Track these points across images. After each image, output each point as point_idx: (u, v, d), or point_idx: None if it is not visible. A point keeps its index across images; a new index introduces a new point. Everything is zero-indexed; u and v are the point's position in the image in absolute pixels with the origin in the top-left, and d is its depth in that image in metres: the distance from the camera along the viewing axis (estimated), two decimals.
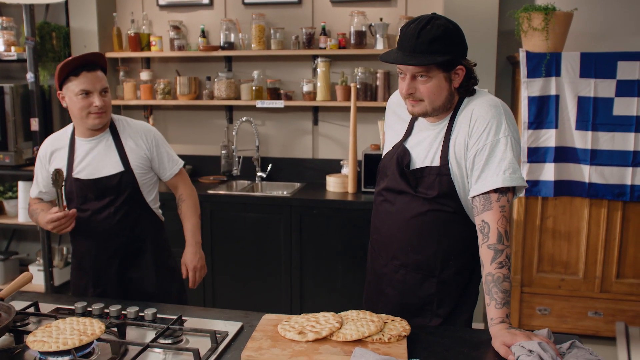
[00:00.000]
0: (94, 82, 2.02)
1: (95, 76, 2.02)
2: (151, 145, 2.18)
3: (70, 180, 2.10)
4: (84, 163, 2.10)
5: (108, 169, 2.10)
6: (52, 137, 2.21)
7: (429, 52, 1.56)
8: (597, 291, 3.33)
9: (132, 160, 2.12)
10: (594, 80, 3.12)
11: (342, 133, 3.91)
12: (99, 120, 2.05)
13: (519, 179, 1.56)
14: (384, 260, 1.82)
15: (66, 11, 4.04)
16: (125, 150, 2.12)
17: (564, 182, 3.26)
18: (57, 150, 2.14)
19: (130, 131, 2.17)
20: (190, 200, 2.31)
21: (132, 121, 2.23)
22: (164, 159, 2.22)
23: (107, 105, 2.06)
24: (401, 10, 3.69)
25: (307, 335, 1.45)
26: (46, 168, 2.16)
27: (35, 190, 2.24)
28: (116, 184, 2.09)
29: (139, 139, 2.16)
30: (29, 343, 1.37)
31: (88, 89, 2.01)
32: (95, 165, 2.10)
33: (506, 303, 1.49)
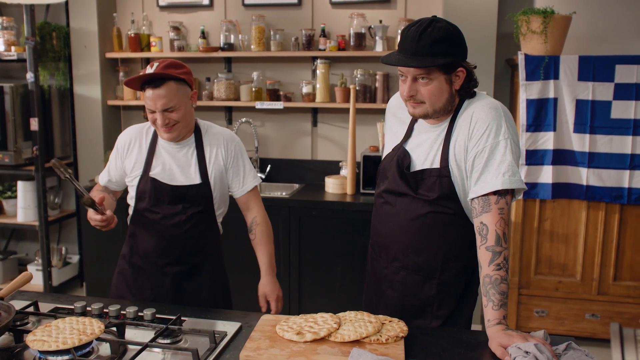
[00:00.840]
0: (155, 101, 1.90)
1: (157, 95, 1.89)
2: (230, 155, 2.07)
3: (146, 178, 2.02)
4: (161, 166, 2.02)
5: (187, 177, 2.02)
6: (136, 127, 2.12)
7: (430, 54, 1.57)
8: (595, 293, 3.34)
9: (211, 172, 2.04)
10: (592, 84, 3.13)
11: (341, 134, 3.92)
12: (167, 136, 1.97)
13: (518, 181, 1.57)
14: (384, 262, 1.83)
15: (66, 11, 4.05)
16: (206, 161, 2.04)
17: (562, 184, 3.27)
18: (137, 143, 2.06)
19: (212, 139, 2.07)
20: (265, 225, 2.17)
21: (217, 128, 2.12)
22: (240, 173, 2.10)
23: (175, 121, 1.94)
24: (400, 12, 3.71)
25: (305, 335, 1.46)
26: (122, 158, 2.07)
27: (105, 177, 2.15)
28: (193, 195, 2.01)
29: (220, 148, 2.06)
30: (28, 342, 1.37)
31: (150, 108, 1.92)
32: (174, 171, 2.02)
33: (503, 305, 1.50)
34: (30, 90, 3.74)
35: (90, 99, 4.03)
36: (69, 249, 4.37)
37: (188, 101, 1.99)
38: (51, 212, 4.06)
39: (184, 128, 1.99)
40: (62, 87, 4.11)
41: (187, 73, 1.98)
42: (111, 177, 2.14)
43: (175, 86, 1.92)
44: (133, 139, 2.08)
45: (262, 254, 2.16)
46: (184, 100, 1.96)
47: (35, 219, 3.94)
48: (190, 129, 2.04)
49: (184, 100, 1.96)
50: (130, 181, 2.07)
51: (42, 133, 3.81)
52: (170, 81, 1.91)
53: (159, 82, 1.90)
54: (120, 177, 2.12)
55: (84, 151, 4.11)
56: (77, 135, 4.12)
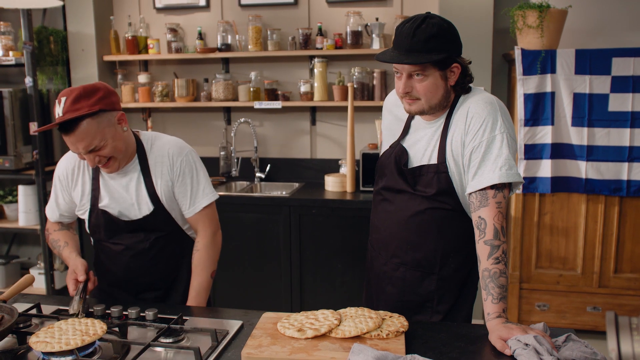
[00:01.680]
0: (76, 144, 1.67)
1: (74, 139, 1.66)
2: (175, 173, 1.85)
3: (95, 211, 1.85)
4: (109, 195, 1.84)
5: (138, 206, 1.84)
6: (70, 155, 1.90)
7: (424, 51, 1.58)
8: (595, 286, 3.35)
9: (162, 194, 1.84)
10: (589, 77, 3.14)
11: (339, 133, 3.93)
12: (107, 170, 1.78)
13: (515, 175, 1.58)
14: (383, 259, 1.84)
15: (64, 15, 4.05)
16: (154, 186, 1.83)
17: (561, 178, 3.28)
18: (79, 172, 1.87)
19: (157, 156, 1.85)
20: (204, 252, 1.91)
21: (163, 141, 1.88)
22: (187, 192, 1.87)
23: (105, 157, 1.73)
24: (397, 9, 3.71)
25: (306, 332, 1.47)
26: (68, 190, 1.90)
27: (55, 213, 1.98)
28: (150, 224, 1.85)
29: (164, 166, 1.84)
30: (32, 344, 1.38)
31: (74, 151, 1.72)
32: (124, 200, 1.84)
33: (503, 298, 1.51)
34: (29, 94, 3.74)
35: None
36: None
37: (116, 129, 1.73)
38: None
39: (123, 159, 1.79)
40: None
41: (102, 99, 1.69)
42: (61, 211, 1.96)
43: (93, 122, 1.66)
44: (74, 167, 1.88)
45: (194, 283, 1.91)
46: (109, 131, 1.70)
47: (37, 223, 3.95)
48: (131, 153, 1.83)
49: (109, 131, 1.70)
50: (82, 214, 1.91)
51: (42, 137, 3.82)
52: (83, 120, 1.64)
53: (70, 125, 1.64)
54: (70, 209, 1.96)
55: None
56: None
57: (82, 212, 1.91)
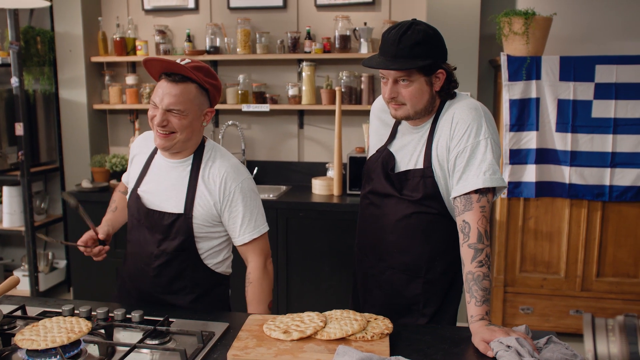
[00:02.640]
0: (163, 95, 1.64)
1: (169, 89, 1.64)
2: (226, 197, 1.75)
3: (134, 193, 1.82)
4: (151, 182, 1.80)
5: (170, 203, 1.76)
6: (145, 135, 1.91)
7: (410, 57, 1.61)
8: (578, 290, 3.40)
9: (198, 205, 1.74)
10: (573, 84, 3.19)
11: (327, 136, 3.95)
12: (160, 142, 1.70)
13: (499, 179, 1.61)
14: (370, 262, 1.85)
15: (51, 15, 4.04)
16: (196, 192, 1.74)
17: (545, 183, 3.32)
18: (140, 154, 1.88)
19: (213, 171, 1.76)
20: (257, 285, 1.84)
21: (224, 157, 1.80)
22: (237, 220, 1.77)
23: (172, 127, 1.67)
24: (385, 14, 3.74)
25: (292, 334, 1.48)
26: (130, 164, 1.93)
27: (126, 176, 1.99)
28: (168, 225, 1.75)
29: (214, 183, 1.75)
30: (17, 341, 1.37)
31: (155, 101, 1.66)
32: (159, 191, 1.78)
33: (486, 301, 1.53)
34: (15, 95, 3.71)
35: (75, 103, 4.02)
36: (55, 254, 4.35)
37: (199, 116, 1.72)
38: (37, 217, 4.04)
39: (182, 143, 1.72)
40: (47, 91, 4.10)
41: (214, 86, 1.73)
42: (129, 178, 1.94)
43: (194, 91, 1.67)
44: (139, 147, 1.90)
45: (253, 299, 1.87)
46: (195, 111, 1.69)
47: (22, 225, 3.92)
48: (191, 147, 1.77)
49: (195, 111, 1.69)
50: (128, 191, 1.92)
51: (28, 138, 3.78)
52: (192, 83, 1.66)
53: (179, 77, 1.65)
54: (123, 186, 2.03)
55: (70, 156, 4.09)
56: (62, 140, 4.11)
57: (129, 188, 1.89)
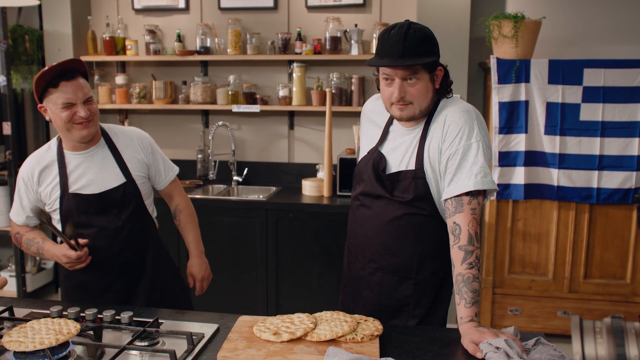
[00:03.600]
0: (76, 92, 1.85)
1: (75, 85, 1.86)
2: (147, 151, 2.07)
3: (67, 197, 1.94)
4: (79, 178, 1.94)
5: (109, 181, 1.96)
6: (35, 155, 2.01)
7: (417, 54, 1.62)
8: (566, 291, 3.42)
9: (133, 169, 2.01)
10: (562, 87, 3.22)
11: (317, 137, 3.95)
12: (86, 132, 1.89)
13: (490, 182, 1.62)
14: (360, 264, 1.86)
15: (40, 14, 4.00)
16: (125, 160, 2.00)
17: (534, 185, 3.35)
18: (46, 168, 1.96)
19: (124, 140, 2.04)
20: (188, 210, 2.24)
21: (124, 128, 2.11)
22: (160, 166, 2.12)
23: (93, 114, 1.89)
24: (375, 16, 3.75)
25: (282, 335, 1.48)
26: (34, 190, 1.97)
27: (21, 216, 2.03)
28: (120, 196, 1.96)
29: (136, 147, 2.05)
30: (4, 343, 1.36)
31: (70, 101, 1.84)
32: (94, 179, 1.95)
33: (475, 302, 1.54)
34: (3, 93, 3.69)
35: None
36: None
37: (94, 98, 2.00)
38: None
39: (96, 126, 1.95)
40: None
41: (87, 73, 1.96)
42: (28, 213, 2.02)
43: (85, 80, 1.92)
44: (38, 165, 1.97)
45: (189, 238, 2.24)
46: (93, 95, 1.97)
47: (8, 225, 3.88)
48: (97, 135, 1.99)
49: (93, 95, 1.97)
50: (51, 206, 1.98)
51: (16, 137, 3.75)
52: (80, 75, 1.90)
53: (71, 74, 1.86)
54: (36, 209, 2.01)
55: None
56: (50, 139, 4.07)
57: (52, 203, 1.97)
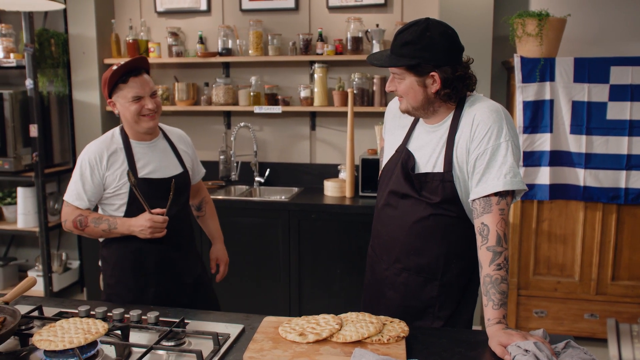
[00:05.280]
0: (144, 86, 2.04)
1: (143, 80, 2.04)
2: (191, 149, 2.32)
3: (137, 180, 2.06)
4: (147, 165, 2.10)
5: (171, 170, 2.16)
6: (101, 141, 2.10)
7: (399, 55, 1.66)
8: (593, 293, 3.36)
9: (186, 162, 2.24)
10: (588, 85, 3.16)
11: (339, 138, 3.94)
12: (153, 123, 2.08)
13: (519, 182, 1.60)
14: (385, 264, 1.84)
15: (65, 18, 4.07)
16: (180, 153, 2.22)
17: (559, 185, 3.30)
18: (114, 154, 2.07)
19: (176, 136, 2.27)
20: (211, 203, 2.52)
21: (171, 127, 2.32)
22: (197, 163, 2.37)
23: (158, 106, 2.09)
24: (397, 16, 3.73)
25: (307, 336, 1.48)
26: (100, 174, 2.04)
27: (82, 200, 2.05)
28: (181, 183, 2.17)
29: (185, 143, 2.29)
30: (35, 342, 1.38)
31: (139, 94, 2.03)
32: (158, 167, 2.13)
33: (503, 304, 1.52)
34: (30, 96, 3.75)
35: (89, 104, 4.04)
36: (69, 255, 4.37)
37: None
38: (51, 217, 4.06)
39: (159, 116, 2.13)
40: (61, 93, 4.13)
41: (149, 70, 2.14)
42: (89, 197, 2.05)
43: (149, 76, 2.10)
44: (107, 150, 2.07)
45: (213, 226, 2.51)
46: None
47: (36, 225, 3.95)
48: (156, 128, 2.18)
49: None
50: (116, 191, 2.05)
51: (42, 139, 3.82)
52: (144, 72, 2.08)
53: (138, 71, 2.04)
54: (98, 194, 2.07)
55: None
56: (76, 141, 4.13)
57: (118, 187, 2.06)
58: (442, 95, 1.68)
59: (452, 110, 1.72)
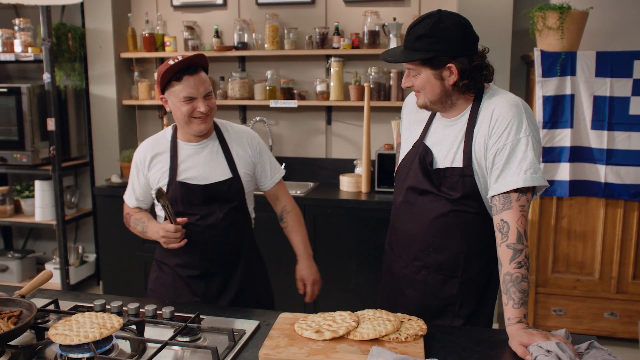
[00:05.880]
0: (198, 87, 1.89)
1: (198, 80, 1.89)
2: (255, 151, 2.09)
3: (174, 184, 1.97)
4: (190, 168, 1.98)
5: (216, 175, 1.99)
6: (150, 140, 2.06)
7: (413, 49, 1.62)
8: (613, 292, 3.30)
9: (240, 167, 2.03)
10: (610, 80, 3.10)
11: (355, 133, 3.91)
12: (204, 126, 1.94)
13: (540, 178, 1.56)
14: (404, 262, 1.81)
15: (82, 12, 4.08)
16: (233, 157, 2.03)
17: (580, 182, 3.24)
18: (158, 155, 2.01)
19: (235, 136, 2.07)
20: (296, 212, 2.22)
21: (236, 126, 2.12)
22: (267, 166, 2.13)
23: (211, 109, 1.94)
24: (414, 9, 3.69)
25: (324, 334, 1.46)
26: (144, 174, 2.03)
27: (132, 199, 2.10)
28: (225, 191, 1.99)
29: (245, 145, 2.07)
30: (50, 336, 1.38)
31: (192, 95, 1.88)
32: (202, 171, 1.98)
33: (524, 303, 1.49)
34: (47, 90, 3.77)
35: (105, 98, 4.06)
36: (85, 248, 4.40)
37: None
38: (68, 211, 4.09)
39: (212, 119, 2.00)
40: (78, 87, 4.15)
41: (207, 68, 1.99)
42: (137, 196, 2.09)
43: (206, 75, 1.94)
44: (151, 150, 2.03)
45: (297, 240, 2.20)
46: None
47: (53, 218, 3.98)
48: (212, 124, 2.05)
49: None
50: None
51: (59, 133, 3.84)
52: (202, 69, 1.93)
53: (194, 69, 1.89)
54: (147, 194, 2.08)
55: (100, 151, 4.14)
56: (92, 135, 4.15)
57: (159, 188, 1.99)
58: (460, 87, 1.64)
59: (470, 102, 1.69)
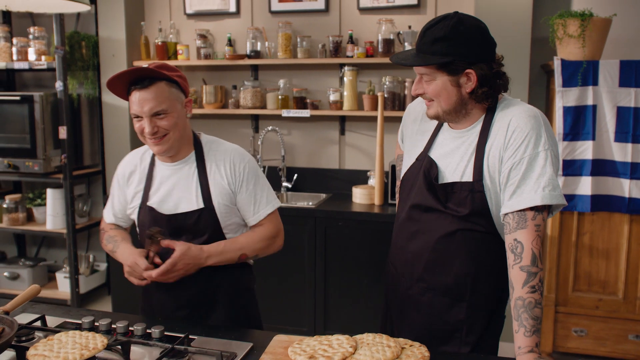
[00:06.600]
0: (142, 104, 1.66)
1: (144, 96, 1.65)
2: (238, 178, 1.79)
3: (144, 208, 1.82)
4: (160, 192, 1.80)
5: (185, 204, 1.77)
6: (134, 154, 1.93)
7: (429, 53, 1.50)
8: (639, 313, 3.14)
9: (215, 196, 1.76)
10: (635, 90, 2.95)
11: (369, 143, 3.82)
12: (157, 148, 1.72)
13: (559, 196, 1.44)
14: (408, 283, 1.70)
15: (96, 20, 4.07)
16: (209, 184, 1.77)
17: (602, 196, 3.09)
18: (136, 172, 1.87)
19: (219, 159, 1.80)
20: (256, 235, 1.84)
21: (224, 145, 1.85)
22: (251, 198, 1.80)
23: (164, 129, 1.69)
24: (430, 17, 3.58)
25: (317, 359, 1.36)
26: (124, 191, 1.89)
27: (109, 214, 1.96)
28: (192, 223, 1.75)
29: (226, 169, 1.79)
30: (30, 357, 1.32)
31: (136, 113, 1.68)
32: (171, 197, 1.78)
33: (536, 331, 1.38)
34: (60, 99, 3.76)
35: (118, 107, 4.03)
36: (96, 257, 4.37)
37: (182, 109, 1.75)
38: (80, 219, 4.07)
39: (177, 140, 1.75)
40: (91, 95, 4.14)
41: (180, 77, 1.76)
42: (115, 212, 1.95)
43: (167, 88, 1.69)
44: (132, 166, 1.90)
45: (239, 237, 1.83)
46: (176, 106, 1.72)
47: (64, 227, 3.96)
48: (188, 143, 1.81)
49: (176, 106, 1.72)
50: (131, 213, 1.89)
51: (71, 141, 3.83)
52: (160, 82, 1.68)
53: (147, 81, 1.67)
54: (124, 210, 1.93)
55: (112, 159, 4.11)
56: (105, 144, 4.13)
57: (132, 209, 1.88)
58: (478, 95, 1.53)
59: (484, 113, 1.58)
